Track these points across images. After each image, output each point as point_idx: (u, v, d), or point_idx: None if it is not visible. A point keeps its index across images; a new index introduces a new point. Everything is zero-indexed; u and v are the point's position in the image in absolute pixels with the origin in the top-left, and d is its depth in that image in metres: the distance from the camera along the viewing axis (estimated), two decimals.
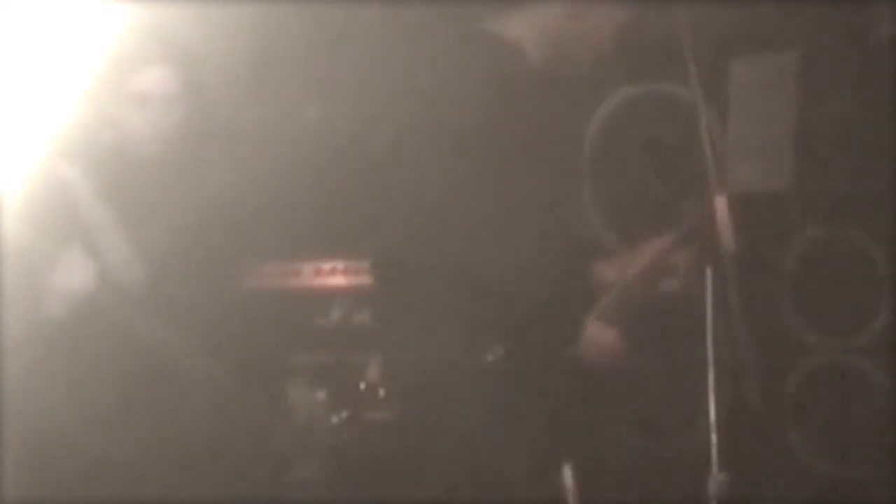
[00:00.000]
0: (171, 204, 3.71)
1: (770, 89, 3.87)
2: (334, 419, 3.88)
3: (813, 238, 3.94)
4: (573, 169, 3.87)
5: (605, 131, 3.98)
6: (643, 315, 3.71)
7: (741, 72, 3.85)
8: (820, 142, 3.89)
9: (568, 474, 3.47)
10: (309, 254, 3.97)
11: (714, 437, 3.39)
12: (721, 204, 3.49)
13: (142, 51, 3.76)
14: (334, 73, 3.96)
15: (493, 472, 3.63)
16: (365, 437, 3.91)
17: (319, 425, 3.89)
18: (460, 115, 3.71)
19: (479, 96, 3.70)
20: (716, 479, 3.37)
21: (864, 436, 3.86)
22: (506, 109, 3.74)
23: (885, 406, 3.85)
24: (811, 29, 3.88)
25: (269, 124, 3.93)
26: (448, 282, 3.65)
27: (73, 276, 3.67)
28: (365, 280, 3.96)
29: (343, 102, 3.93)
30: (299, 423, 3.87)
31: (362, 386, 3.95)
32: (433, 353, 3.67)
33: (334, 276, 3.97)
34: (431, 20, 3.81)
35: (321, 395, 3.90)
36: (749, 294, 3.54)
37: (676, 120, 3.81)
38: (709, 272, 3.46)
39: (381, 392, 3.93)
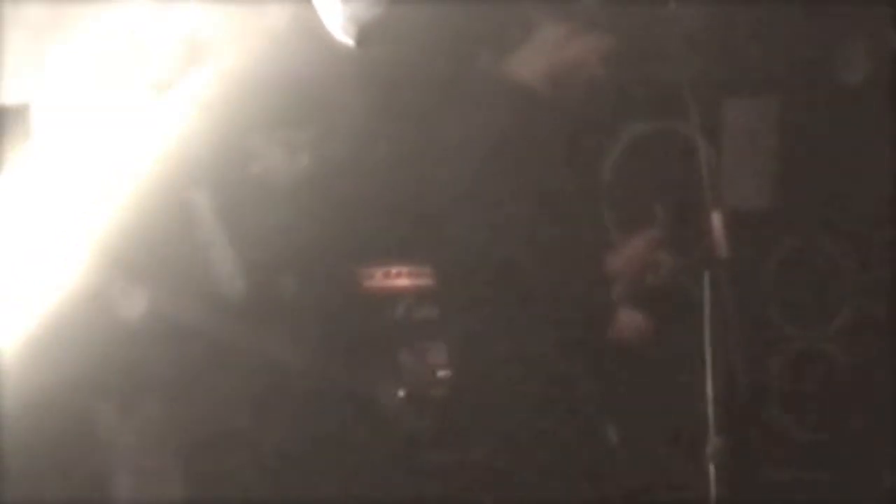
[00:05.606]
0: (280, 224, 4.16)
1: (757, 125, 4.30)
2: (400, 395, 4.32)
3: (791, 247, 4.33)
4: (596, 188, 4.28)
5: (622, 157, 4.40)
6: (646, 303, 4.13)
7: (733, 111, 4.29)
8: (798, 168, 4.30)
9: (612, 433, 4.03)
10: (379, 260, 4.37)
11: (711, 410, 4.01)
12: (716, 218, 4.09)
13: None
14: (397, 111, 4.33)
15: (537, 437, 4.04)
16: (425, 410, 4.33)
17: (389, 400, 4.30)
18: (505, 149, 4.17)
19: (515, 127, 4.15)
20: (713, 443, 4.01)
21: (831, 407, 4.27)
22: (542, 138, 4.17)
23: (848, 383, 4.27)
24: (791, 75, 4.34)
25: (349, 162, 4.30)
26: (496, 282, 4.08)
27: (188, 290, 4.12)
28: (425, 281, 4.34)
29: (402, 142, 4.32)
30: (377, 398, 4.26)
31: (423, 369, 4.36)
32: (484, 342, 4.11)
33: (400, 278, 4.38)
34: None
35: (390, 376, 4.32)
36: (739, 292, 4.11)
37: (680, 150, 4.25)
38: (706, 275, 4.05)
39: (440, 374, 4.35)
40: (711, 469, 4.05)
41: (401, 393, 4.40)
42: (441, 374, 4.37)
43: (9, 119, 4.01)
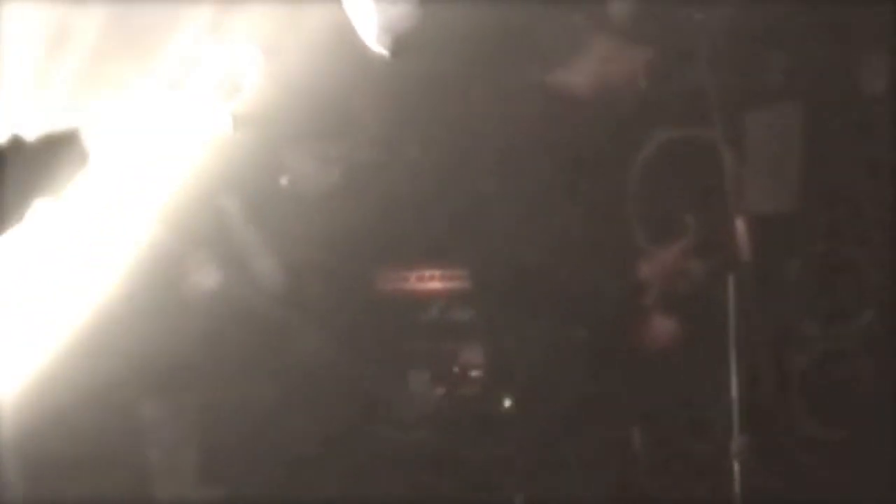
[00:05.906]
0: (314, 227, 4.25)
1: (780, 132, 4.34)
2: (434, 394, 4.40)
3: (813, 251, 4.37)
4: (625, 195, 4.35)
5: (649, 164, 4.45)
6: (674, 307, 4.19)
7: (756, 118, 4.34)
8: (819, 174, 4.35)
9: (640, 432, 4.10)
10: (413, 263, 4.47)
11: (735, 408, 4.10)
12: (740, 224, 4.17)
13: None
14: (432, 116, 4.40)
15: (567, 436, 4.11)
16: (458, 408, 4.41)
17: (423, 399, 4.40)
18: (536, 154, 4.25)
19: (550, 137, 4.23)
20: (737, 440, 4.11)
21: (853, 405, 4.31)
22: (573, 148, 4.24)
23: (870, 382, 4.31)
24: (814, 83, 4.38)
25: (384, 167, 4.41)
26: (529, 285, 4.16)
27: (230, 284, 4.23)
28: (457, 284, 4.43)
29: (438, 146, 4.41)
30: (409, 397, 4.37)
31: (456, 369, 4.46)
32: (515, 342, 4.21)
33: (433, 281, 4.47)
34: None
35: (424, 375, 4.42)
36: (762, 295, 4.19)
37: (705, 157, 4.30)
38: (731, 278, 4.13)
39: (471, 373, 4.43)
40: (736, 467, 4.14)
41: (436, 392, 4.50)
42: (473, 374, 4.45)
43: (63, 145, 4.09)
